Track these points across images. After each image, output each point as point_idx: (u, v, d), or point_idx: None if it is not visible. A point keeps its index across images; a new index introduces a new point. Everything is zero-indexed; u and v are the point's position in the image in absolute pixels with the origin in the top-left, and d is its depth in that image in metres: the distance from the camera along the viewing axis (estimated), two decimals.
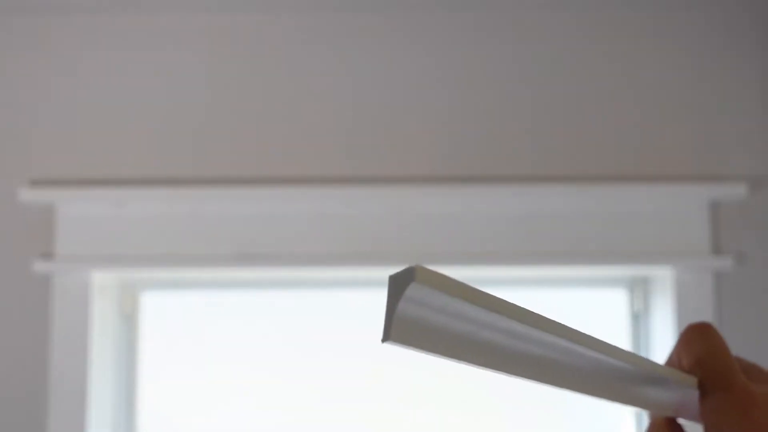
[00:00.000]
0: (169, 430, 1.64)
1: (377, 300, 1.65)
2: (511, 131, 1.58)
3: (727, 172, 1.56)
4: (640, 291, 1.65)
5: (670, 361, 0.50)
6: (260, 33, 1.61)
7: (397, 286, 0.30)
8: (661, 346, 1.58)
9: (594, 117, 1.58)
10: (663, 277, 1.59)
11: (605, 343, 0.42)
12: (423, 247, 1.54)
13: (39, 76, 1.61)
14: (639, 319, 1.65)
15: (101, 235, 1.54)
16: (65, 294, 1.53)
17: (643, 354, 1.55)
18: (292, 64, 1.60)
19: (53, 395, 1.51)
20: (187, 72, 1.60)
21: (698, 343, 0.47)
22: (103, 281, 1.58)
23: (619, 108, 1.59)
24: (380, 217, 1.55)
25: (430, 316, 0.31)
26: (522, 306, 0.34)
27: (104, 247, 1.54)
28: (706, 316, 1.49)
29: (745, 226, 1.56)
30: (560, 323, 0.37)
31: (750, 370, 0.47)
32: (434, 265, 1.67)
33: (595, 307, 1.66)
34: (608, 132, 1.58)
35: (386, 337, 0.30)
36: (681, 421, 0.49)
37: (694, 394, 0.46)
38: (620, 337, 1.61)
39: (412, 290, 0.30)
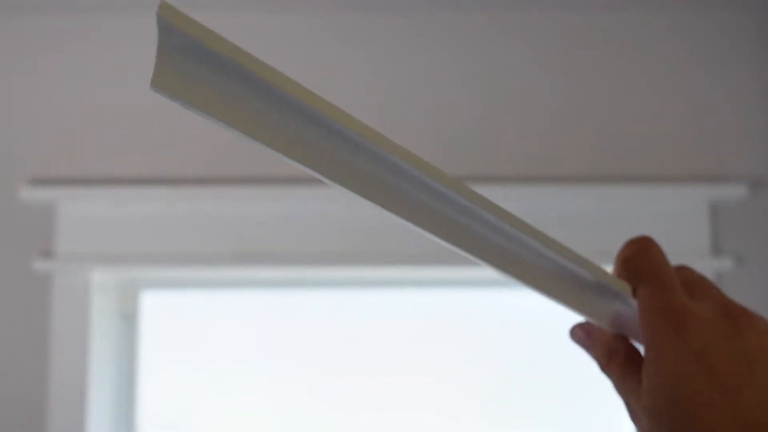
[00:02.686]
0: (169, 430, 1.64)
1: (378, 300, 1.65)
2: (511, 131, 1.58)
3: (727, 173, 1.56)
4: None
5: None
6: (260, 33, 1.61)
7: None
8: None
9: (593, 117, 1.58)
10: None
11: (544, 235, 0.43)
12: (425, 247, 1.54)
13: (39, 74, 1.61)
14: None
15: (101, 234, 1.54)
16: (65, 293, 1.53)
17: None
18: (292, 64, 1.60)
19: (53, 394, 1.51)
20: None
21: (638, 259, 0.47)
22: (103, 280, 1.58)
23: (618, 108, 1.59)
24: (381, 216, 1.54)
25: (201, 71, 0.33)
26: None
27: (104, 246, 1.54)
28: None
29: (745, 227, 1.56)
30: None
31: (694, 284, 0.47)
32: (436, 264, 1.66)
33: None
34: (607, 132, 1.58)
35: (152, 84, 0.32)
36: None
37: (635, 310, 0.46)
38: None
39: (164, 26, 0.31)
